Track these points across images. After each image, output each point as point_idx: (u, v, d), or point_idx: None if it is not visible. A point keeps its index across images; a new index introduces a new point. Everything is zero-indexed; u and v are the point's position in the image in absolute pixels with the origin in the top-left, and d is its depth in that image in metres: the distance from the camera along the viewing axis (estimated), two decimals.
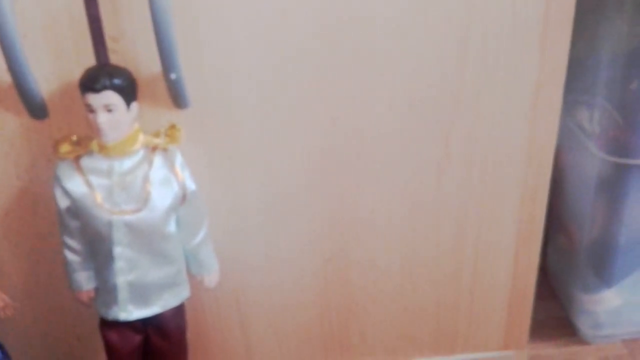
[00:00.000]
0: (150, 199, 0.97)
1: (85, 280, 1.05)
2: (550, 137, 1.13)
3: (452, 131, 1.10)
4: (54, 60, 0.97)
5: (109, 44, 0.96)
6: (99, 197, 0.96)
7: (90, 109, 0.91)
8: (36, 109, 0.98)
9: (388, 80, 1.06)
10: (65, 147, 0.97)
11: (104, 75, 0.90)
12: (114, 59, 0.97)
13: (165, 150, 1.00)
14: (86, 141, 0.97)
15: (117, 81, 0.90)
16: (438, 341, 1.33)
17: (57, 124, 1.02)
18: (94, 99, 0.90)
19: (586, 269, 1.44)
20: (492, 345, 1.35)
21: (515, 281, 1.28)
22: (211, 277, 1.11)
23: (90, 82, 0.89)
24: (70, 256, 1.03)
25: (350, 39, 1.02)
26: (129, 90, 0.92)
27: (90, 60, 0.96)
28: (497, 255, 1.24)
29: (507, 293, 1.29)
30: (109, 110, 0.91)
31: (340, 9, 0.99)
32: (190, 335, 1.19)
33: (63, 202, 0.98)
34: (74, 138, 0.98)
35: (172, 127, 1.00)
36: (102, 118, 0.90)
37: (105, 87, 0.89)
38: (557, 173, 1.39)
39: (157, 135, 0.99)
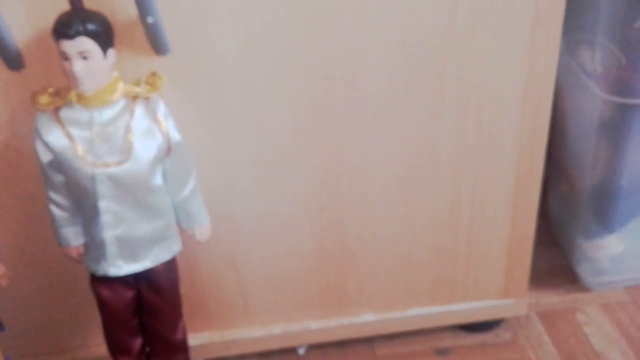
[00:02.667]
0: (134, 150, 0.94)
1: (73, 236, 1.03)
2: (549, 76, 1.09)
3: (446, 72, 1.06)
4: (27, 6, 0.93)
5: None
6: (80, 149, 0.93)
7: (65, 57, 0.87)
8: (12, 60, 0.95)
9: (378, 21, 1.01)
10: (43, 99, 0.94)
11: (77, 20, 0.86)
12: (89, 3, 0.92)
13: (147, 99, 0.96)
14: (65, 92, 0.94)
15: (91, 26, 0.86)
16: (436, 291, 1.32)
17: (34, 76, 0.98)
18: (68, 45, 0.86)
19: (587, 215, 1.42)
20: (492, 293, 1.34)
21: (514, 228, 1.25)
22: (202, 230, 1.09)
23: (63, 28, 0.85)
24: (57, 211, 1.01)
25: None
26: (104, 36, 0.88)
27: (64, 6, 0.92)
28: (495, 201, 1.22)
29: (506, 240, 1.27)
30: (85, 58, 0.87)
31: None
32: (186, 290, 1.18)
33: (45, 157, 0.96)
34: (50, 90, 0.94)
35: (153, 74, 0.96)
36: (78, 66, 0.87)
37: (78, 33, 0.85)
38: (558, 116, 1.35)
39: (137, 83, 0.96)
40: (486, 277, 1.31)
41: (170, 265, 1.07)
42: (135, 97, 0.95)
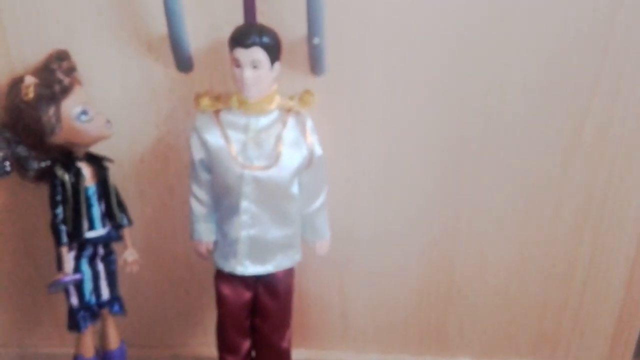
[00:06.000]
0: (281, 157, 1.00)
1: (206, 232, 1.09)
2: None
3: (586, 121, 1.07)
4: (205, 16, 1.02)
5: (258, 4, 1.00)
6: (234, 150, 1.00)
7: (237, 64, 0.95)
8: (183, 63, 1.04)
9: (521, 63, 1.05)
10: (206, 101, 1.02)
11: (254, 32, 0.94)
12: (260, 19, 1.01)
13: (297, 113, 1.03)
14: (225, 97, 1.02)
15: (265, 39, 0.94)
16: (538, 345, 1.30)
17: (199, 79, 1.07)
18: (243, 54, 0.94)
19: None
20: (595, 356, 1.30)
21: (628, 291, 1.23)
22: (323, 244, 1.14)
23: (241, 38, 0.94)
24: (196, 206, 1.08)
25: (485, 37, 1.03)
26: (274, 50, 0.96)
27: (238, 20, 1.01)
28: (614, 261, 1.20)
29: (619, 303, 1.24)
30: (255, 67, 0.95)
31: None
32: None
33: (198, 154, 1.03)
34: (212, 94, 1.03)
35: (307, 92, 1.03)
36: (248, 73, 0.94)
37: (254, 44, 0.93)
38: None
39: (291, 98, 1.03)
40: (592, 338, 1.28)
41: (289, 274, 1.12)
42: (288, 110, 1.02)
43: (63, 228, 1.04)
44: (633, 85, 1.04)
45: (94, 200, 1.07)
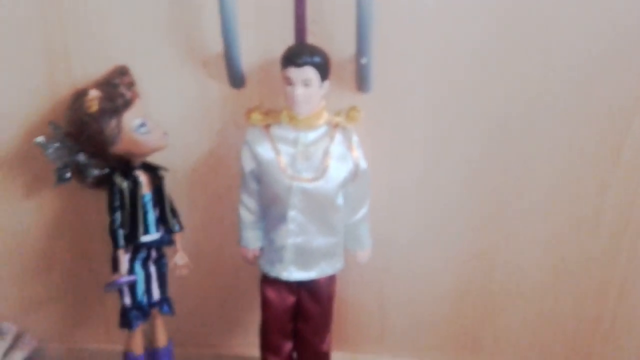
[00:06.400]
0: (328, 170, 1.05)
1: (253, 239, 1.15)
2: None
3: (625, 143, 1.10)
4: (258, 36, 1.08)
5: (309, 25, 1.05)
6: (283, 163, 1.05)
7: (289, 82, 1.00)
8: (236, 79, 1.09)
9: (560, 83, 1.08)
10: (256, 116, 1.08)
11: (306, 52, 0.99)
12: (311, 40, 1.06)
13: (344, 128, 1.08)
14: (274, 113, 1.08)
15: (317, 59, 0.99)
16: (571, 357, 1.32)
17: (250, 95, 1.13)
18: (295, 72, 0.99)
19: None
20: None
21: None
22: (364, 254, 1.18)
23: (294, 57, 0.99)
24: (245, 214, 1.14)
25: (526, 57, 1.06)
26: (324, 69, 1.01)
27: (289, 40, 1.06)
28: None
29: None
30: (306, 85, 1.00)
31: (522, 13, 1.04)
32: None
33: (249, 165, 1.09)
34: (263, 109, 1.08)
35: (353, 108, 1.08)
36: (299, 90, 1.00)
37: (306, 63, 0.98)
38: None
39: (338, 114, 1.08)
40: (625, 354, 1.30)
41: (331, 280, 1.17)
42: (335, 126, 1.07)
43: (121, 232, 1.11)
44: None
45: (149, 206, 1.14)
